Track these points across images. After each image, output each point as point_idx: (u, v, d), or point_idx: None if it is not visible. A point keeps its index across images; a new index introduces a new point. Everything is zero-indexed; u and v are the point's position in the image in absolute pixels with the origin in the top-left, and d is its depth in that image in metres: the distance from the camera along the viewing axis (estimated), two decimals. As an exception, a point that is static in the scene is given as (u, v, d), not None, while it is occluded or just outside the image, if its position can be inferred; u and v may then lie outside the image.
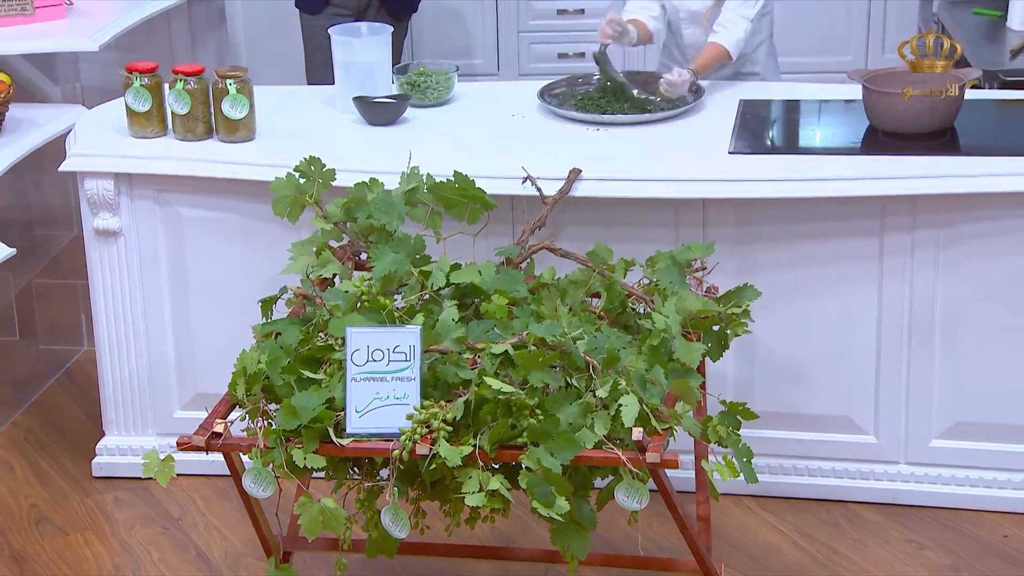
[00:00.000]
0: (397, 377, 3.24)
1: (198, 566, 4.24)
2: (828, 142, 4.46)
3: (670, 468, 3.20)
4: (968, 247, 4.16)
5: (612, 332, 3.43)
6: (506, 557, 3.91)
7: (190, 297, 4.52)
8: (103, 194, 4.41)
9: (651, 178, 4.17)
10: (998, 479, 4.35)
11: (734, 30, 4.72)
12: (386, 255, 3.64)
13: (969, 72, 4.64)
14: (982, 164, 4.13)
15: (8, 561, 4.28)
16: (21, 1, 5.42)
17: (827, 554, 4.20)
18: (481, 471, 3.18)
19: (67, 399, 5.11)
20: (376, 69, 4.63)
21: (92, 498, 4.57)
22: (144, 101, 4.41)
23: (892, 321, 4.25)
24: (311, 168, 3.88)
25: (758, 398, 4.29)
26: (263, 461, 3.25)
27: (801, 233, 4.22)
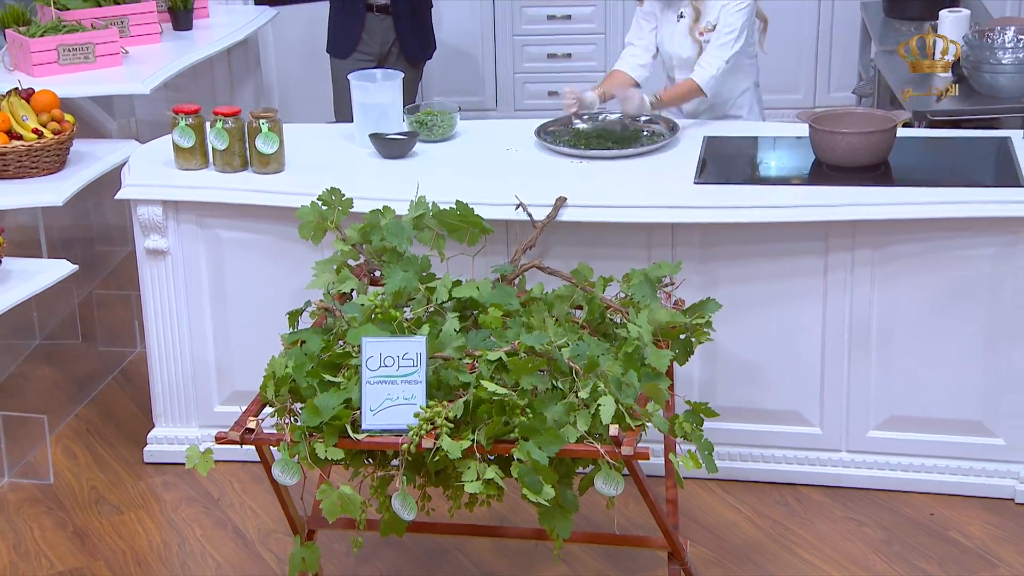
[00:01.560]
0: (406, 380, 3.23)
1: (235, 541, 4.22)
2: (780, 174, 4.43)
3: (642, 459, 3.18)
4: (900, 265, 4.14)
5: (592, 340, 3.42)
6: (500, 535, 3.90)
7: (228, 308, 4.49)
8: (153, 218, 4.39)
9: (627, 205, 4.15)
10: (925, 465, 4.32)
11: (708, 69, 4.63)
12: (396, 273, 3.63)
13: (900, 113, 4.61)
14: (912, 194, 4.10)
15: (72, 536, 4.26)
16: (84, 51, 5.40)
17: (779, 530, 4.18)
18: (478, 462, 3.17)
19: (122, 395, 5.08)
20: (389, 109, 4.61)
21: (143, 481, 4.55)
22: (188, 138, 4.39)
23: (834, 329, 4.23)
24: (332, 197, 3.88)
25: (720, 396, 4.28)
26: (290, 453, 3.25)
27: (757, 253, 4.20)
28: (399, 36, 6.03)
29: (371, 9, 6.00)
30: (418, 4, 6.07)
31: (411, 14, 6.03)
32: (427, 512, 3.38)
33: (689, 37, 4.70)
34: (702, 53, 4.67)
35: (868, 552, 4.06)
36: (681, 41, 4.74)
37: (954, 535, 4.12)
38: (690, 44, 4.71)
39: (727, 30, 4.61)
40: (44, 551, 4.18)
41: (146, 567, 4.10)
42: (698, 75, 4.63)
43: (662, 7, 4.78)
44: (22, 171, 4.88)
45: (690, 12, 4.69)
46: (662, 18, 4.79)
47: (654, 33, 4.82)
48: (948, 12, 5.29)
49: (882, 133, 4.26)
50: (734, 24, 4.61)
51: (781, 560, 4.04)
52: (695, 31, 4.67)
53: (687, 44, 4.72)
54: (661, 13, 4.79)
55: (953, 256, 4.11)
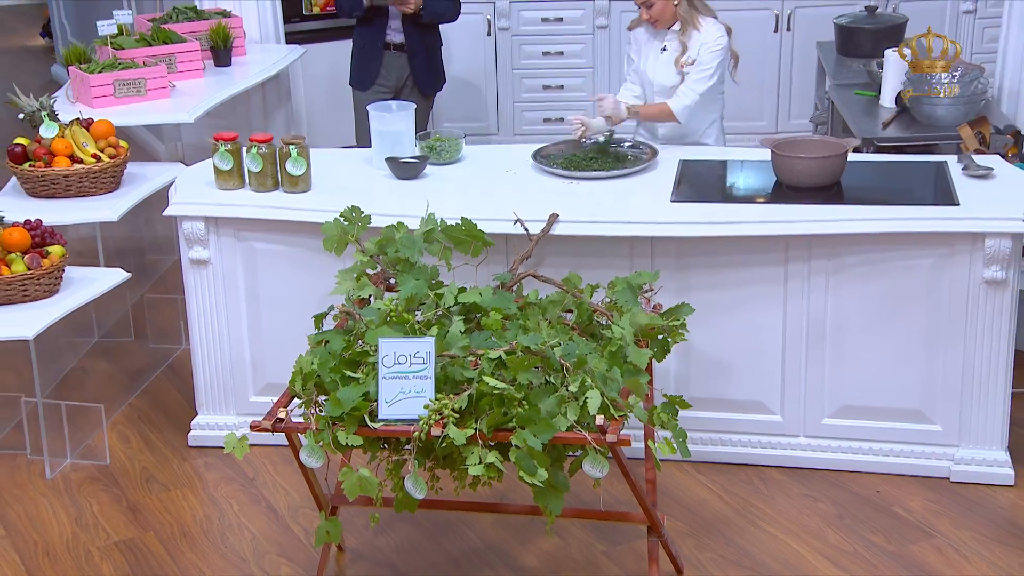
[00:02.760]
0: (417, 376, 3.24)
1: (267, 515, 4.22)
2: (746, 193, 4.42)
3: (624, 446, 3.20)
4: (850, 274, 4.14)
5: (581, 341, 3.43)
6: (500, 511, 3.90)
7: (261, 310, 4.49)
8: (196, 232, 4.40)
9: (612, 221, 4.15)
10: (872, 448, 4.32)
11: (683, 98, 4.64)
12: (409, 281, 3.64)
13: (851, 140, 4.63)
14: (861, 211, 4.10)
15: (126, 510, 4.27)
16: (137, 85, 5.40)
17: (745, 506, 4.19)
18: (481, 448, 3.18)
19: (169, 386, 5.08)
20: (403, 136, 4.60)
21: (188, 463, 4.55)
22: (227, 162, 4.39)
23: (793, 329, 4.23)
24: (353, 214, 3.90)
25: (693, 388, 4.29)
26: (315, 440, 3.26)
27: (725, 263, 4.20)
28: (413, 71, 6.03)
29: (389, 47, 5.99)
30: (430, 43, 6.07)
31: (424, 52, 6.03)
32: (436, 491, 3.39)
33: (673, 67, 4.69)
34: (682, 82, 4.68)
35: (822, 525, 4.07)
36: (664, 70, 4.73)
37: (897, 510, 4.13)
38: (673, 73, 4.70)
39: (704, 67, 4.63)
40: (102, 523, 4.19)
41: (190, 538, 4.11)
42: (674, 103, 4.64)
43: (648, 38, 4.78)
44: (83, 191, 4.90)
45: (675, 46, 4.69)
46: (646, 48, 4.79)
47: (639, 67, 4.81)
48: (892, 52, 5.29)
49: (835, 158, 4.26)
50: (711, 62, 4.62)
51: (747, 532, 4.05)
52: (677, 63, 4.67)
53: (670, 73, 4.71)
54: (646, 43, 4.79)
55: (897, 266, 4.11)
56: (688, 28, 4.64)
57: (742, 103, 7.23)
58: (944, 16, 7.06)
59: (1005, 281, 4.05)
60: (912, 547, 3.94)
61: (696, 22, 4.64)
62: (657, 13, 4.64)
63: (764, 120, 7.31)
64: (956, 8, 7.07)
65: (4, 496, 4.35)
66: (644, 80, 4.81)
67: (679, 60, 4.66)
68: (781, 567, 3.87)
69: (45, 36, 10.39)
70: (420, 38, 5.99)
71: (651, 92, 4.82)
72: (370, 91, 5.99)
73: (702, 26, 4.65)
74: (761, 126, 7.24)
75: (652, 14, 4.65)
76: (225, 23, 5.96)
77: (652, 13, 4.65)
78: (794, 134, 6.93)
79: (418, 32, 5.97)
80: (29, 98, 5.01)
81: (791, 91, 7.24)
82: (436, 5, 5.90)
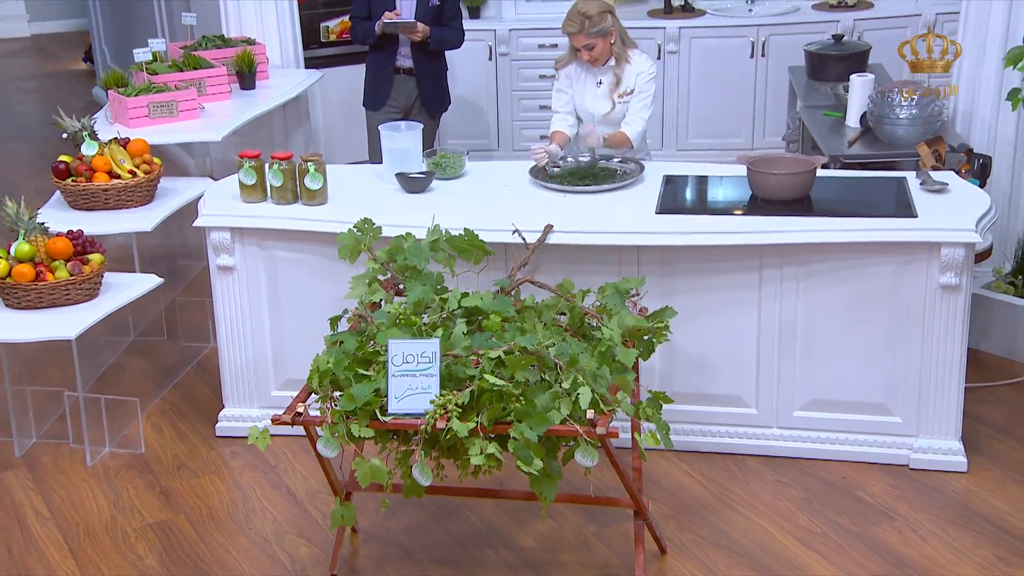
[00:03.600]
0: (423, 374, 3.23)
1: (288, 500, 4.22)
2: (724, 206, 4.40)
3: (613, 438, 3.20)
4: (819, 279, 4.14)
5: (573, 341, 3.42)
6: (500, 496, 3.88)
7: (281, 313, 4.49)
8: (223, 241, 4.39)
9: (601, 231, 4.15)
10: (839, 438, 4.31)
11: (636, 126, 4.80)
12: (416, 287, 3.63)
13: (819, 157, 4.62)
14: (829, 223, 4.10)
15: (159, 495, 4.27)
16: (169, 107, 5.41)
17: (722, 491, 4.18)
18: (481, 440, 3.18)
19: (198, 381, 5.07)
20: (411, 153, 4.59)
21: (215, 451, 4.55)
22: (251, 177, 4.39)
23: (767, 330, 4.23)
24: (365, 225, 3.87)
25: (676, 384, 4.29)
26: (330, 432, 3.26)
27: (705, 269, 4.20)
28: (421, 93, 6.02)
29: (399, 72, 5.99)
30: (436, 68, 6.07)
31: (431, 76, 6.02)
32: (441, 478, 3.37)
33: (608, 99, 4.84)
34: (618, 112, 4.81)
35: (793, 508, 4.06)
36: (601, 102, 4.87)
37: (861, 494, 4.13)
38: (609, 104, 4.84)
39: (645, 95, 4.82)
40: (137, 507, 4.19)
41: (218, 520, 4.11)
42: (629, 131, 4.80)
43: (581, 74, 4.87)
44: (120, 203, 4.91)
45: (609, 79, 4.83)
46: (579, 85, 4.88)
47: (572, 99, 4.91)
48: (857, 76, 5.28)
49: (805, 174, 4.26)
50: (649, 90, 4.83)
51: (724, 515, 4.04)
52: (614, 94, 4.80)
53: (606, 104, 4.86)
54: (579, 79, 4.87)
55: (861, 272, 4.11)
56: (622, 62, 4.78)
57: (722, 123, 7.28)
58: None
59: (959, 286, 4.05)
60: (874, 529, 3.95)
61: (627, 56, 4.79)
62: (598, 54, 4.78)
63: (741, 138, 7.31)
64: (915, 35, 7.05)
65: (49, 481, 4.36)
66: (582, 112, 4.90)
67: (614, 91, 4.80)
68: (755, 547, 3.87)
69: (87, 61, 10.38)
70: (427, 63, 5.99)
71: (590, 122, 4.91)
72: (382, 112, 5.98)
73: (632, 59, 4.80)
74: (738, 143, 7.25)
75: (593, 55, 4.78)
76: (250, 50, 5.96)
77: (593, 55, 4.78)
78: (768, 151, 6.96)
79: (425, 58, 5.97)
80: (72, 119, 5.02)
81: (765, 111, 7.23)
82: (442, 34, 5.91)
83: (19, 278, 4.33)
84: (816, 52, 5.99)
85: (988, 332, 4.99)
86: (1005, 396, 4.71)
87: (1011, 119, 4.95)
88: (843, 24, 6.97)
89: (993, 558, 3.79)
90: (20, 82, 10.28)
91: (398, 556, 3.88)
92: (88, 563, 3.90)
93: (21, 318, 4.34)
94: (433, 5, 5.85)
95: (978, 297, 4.91)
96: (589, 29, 4.71)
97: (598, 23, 4.70)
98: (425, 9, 5.84)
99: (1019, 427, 4.49)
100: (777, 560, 3.81)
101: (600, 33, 4.72)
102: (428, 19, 5.85)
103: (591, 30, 4.71)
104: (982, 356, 4.95)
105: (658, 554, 3.84)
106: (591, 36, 4.72)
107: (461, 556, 3.87)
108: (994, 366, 4.90)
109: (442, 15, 5.90)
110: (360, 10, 5.93)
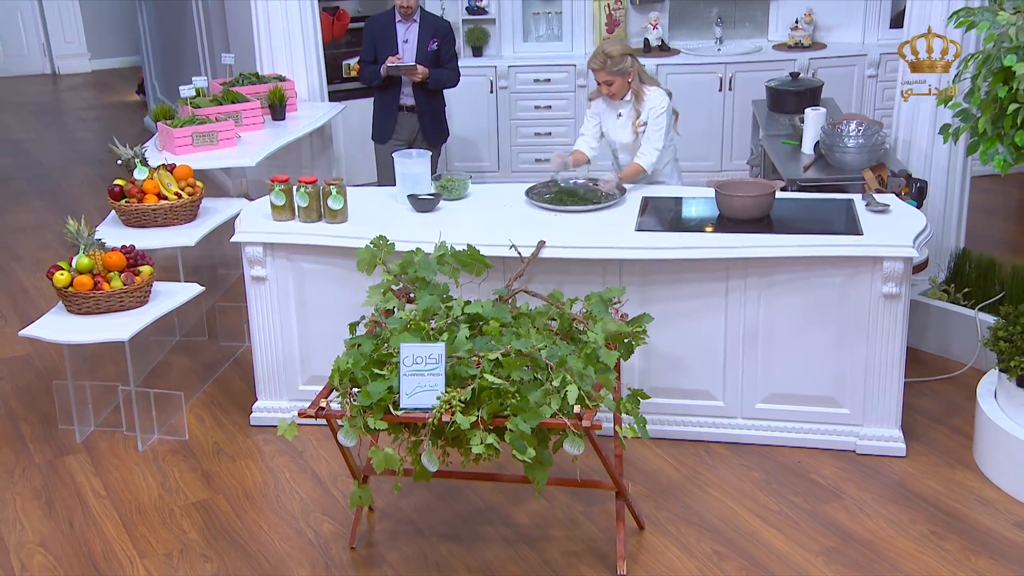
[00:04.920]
0: (431, 373, 3.23)
1: (313, 482, 4.21)
2: (696, 224, 4.39)
3: (596, 429, 3.20)
4: (778, 289, 4.14)
5: (562, 344, 3.42)
6: (498, 480, 3.89)
7: (307, 317, 4.48)
8: (256, 255, 4.39)
9: (588, 246, 4.15)
10: (795, 427, 4.31)
11: (648, 156, 4.71)
12: (425, 296, 3.63)
13: (778, 181, 4.61)
14: (786, 239, 4.10)
15: (201, 476, 4.26)
16: (210, 136, 5.40)
17: (693, 474, 4.18)
18: (482, 431, 3.18)
19: (235, 377, 5.06)
20: (421, 177, 4.59)
21: (250, 439, 4.54)
22: (281, 199, 4.38)
23: (733, 333, 4.22)
24: (380, 241, 3.86)
25: (653, 380, 4.29)
26: (349, 424, 3.26)
27: (679, 280, 4.19)
28: (422, 127, 5.97)
29: (402, 109, 5.94)
30: (435, 104, 6.01)
31: (431, 112, 5.97)
32: (446, 464, 3.37)
33: (629, 129, 4.76)
34: (639, 141, 4.72)
35: (754, 489, 4.06)
36: (622, 132, 4.80)
37: (814, 476, 4.13)
38: (630, 133, 4.77)
39: (655, 128, 4.70)
40: (181, 487, 4.19)
41: (251, 499, 4.10)
42: (642, 160, 4.71)
43: (605, 108, 4.83)
44: (167, 221, 4.90)
45: (629, 112, 4.76)
46: (605, 116, 4.85)
47: (599, 126, 4.88)
48: (811, 110, 5.27)
49: (766, 196, 4.26)
50: (660, 124, 4.70)
51: (694, 495, 4.04)
52: (633, 125, 4.73)
53: (627, 133, 4.78)
54: (605, 113, 4.85)
55: (814, 283, 4.11)
56: (640, 98, 4.73)
57: (694, 148, 7.24)
58: (852, 80, 7.06)
59: (899, 295, 4.05)
60: (825, 507, 3.94)
61: (643, 93, 4.74)
62: (616, 90, 4.74)
63: (711, 161, 7.29)
64: (862, 74, 7.07)
65: (105, 464, 4.35)
66: (610, 140, 4.88)
67: (634, 123, 4.74)
68: (721, 523, 3.87)
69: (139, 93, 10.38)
70: (427, 101, 5.94)
71: (614, 148, 4.90)
72: (387, 144, 5.95)
73: (648, 94, 4.74)
74: (709, 166, 7.23)
75: (612, 90, 4.74)
76: (280, 86, 5.95)
77: (612, 90, 4.75)
78: (734, 174, 6.96)
79: (426, 96, 5.92)
80: (125, 147, 5.01)
81: (732, 139, 7.22)
82: (440, 74, 5.87)
83: (80, 287, 4.33)
84: (776, 87, 5.98)
85: (925, 333, 4.98)
86: (940, 390, 4.71)
87: (944, 149, 4.94)
88: (799, 63, 6.96)
89: (927, 532, 3.79)
90: (82, 112, 10.27)
91: (409, 532, 3.88)
92: (139, 537, 3.89)
93: (81, 322, 4.34)
94: (431, 49, 5.83)
95: (916, 303, 4.91)
96: (610, 67, 4.68)
97: (618, 63, 4.67)
98: (425, 53, 5.82)
99: (952, 417, 4.48)
100: (740, 534, 3.81)
101: (619, 72, 4.69)
102: (427, 62, 5.81)
103: (612, 68, 4.68)
104: (920, 354, 4.94)
105: (637, 529, 3.84)
106: (611, 74, 4.69)
107: (464, 532, 3.87)
108: (930, 363, 4.90)
109: (440, 58, 5.87)
110: (367, 54, 5.90)
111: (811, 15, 7.24)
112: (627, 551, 3.68)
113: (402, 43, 5.84)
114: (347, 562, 3.72)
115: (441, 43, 5.85)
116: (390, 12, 5.90)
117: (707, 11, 7.44)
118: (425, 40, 5.82)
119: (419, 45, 5.83)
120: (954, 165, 4.99)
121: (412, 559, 3.73)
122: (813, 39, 7.22)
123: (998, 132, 3.57)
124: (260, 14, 6.06)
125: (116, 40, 11.88)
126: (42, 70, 11.83)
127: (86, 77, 11.76)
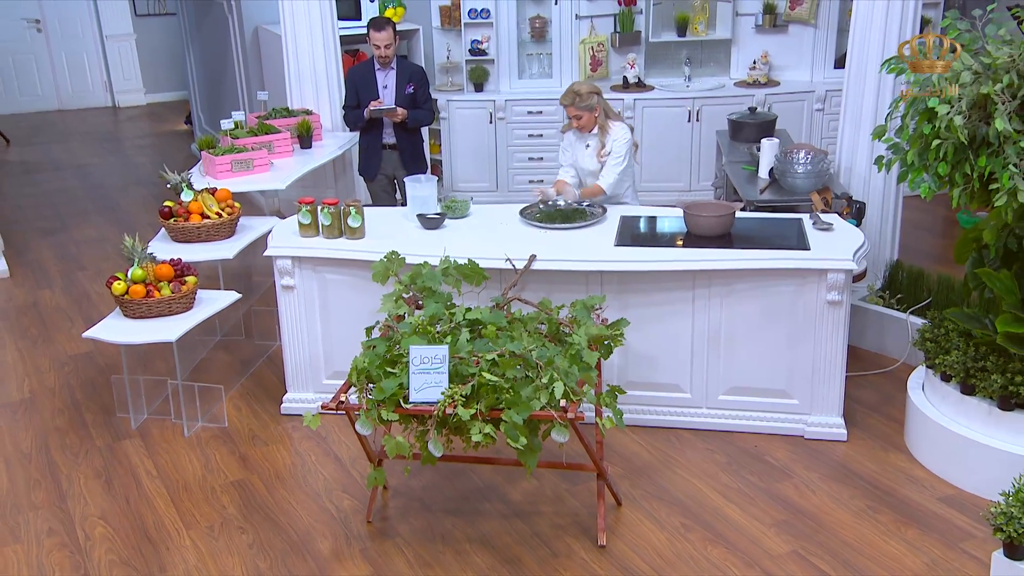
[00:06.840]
0: (436, 372, 3.23)
1: (335, 463, 4.20)
2: (666, 240, 4.38)
3: (579, 420, 3.20)
4: (737, 296, 4.14)
5: (550, 346, 3.42)
6: (495, 463, 3.88)
7: (331, 322, 4.46)
8: (286, 267, 4.38)
9: (573, 260, 4.13)
10: (752, 416, 4.30)
11: (607, 178, 4.74)
12: (431, 303, 3.62)
13: (737, 203, 4.60)
14: (745, 254, 4.10)
15: (238, 459, 4.25)
16: (247, 163, 5.40)
17: (664, 457, 4.17)
18: (480, 422, 3.17)
19: (268, 372, 5.04)
20: (429, 199, 4.59)
21: (280, 426, 4.53)
22: (307, 218, 4.37)
23: (699, 333, 4.22)
24: (393, 255, 3.84)
25: (630, 375, 4.28)
26: (366, 415, 3.26)
27: (653, 288, 4.18)
28: (403, 162, 5.85)
29: (385, 147, 5.84)
30: (415, 141, 5.90)
31: (411, 148, 5.86)
32: (450, 450, 3.35)
33: (595, 158, 4.81)
34: (603, 167, 4.77)
35: (717, 470, 4.06)
36: (589, 160, 4.84)
37: (768, 459, 4.12)
38: (595, 161, 4.82)
39: (616, 156, 4.76)
40: (222, 468, 4.19)
41: (282, 479, 4.10)
42: (603, 182, 4.75)
43: (575, 139, 4.87)
44: (209, 237, 4.89)
45: (595, 143, 4.80)
46: (575, 146, 4.88)
47: (572, 155, 4.89)
48: (766, 140, 5.24)
49: (727, 215, 4.25)
50: (620, 152, 4.76)
51: (665, 475, 4.04)
52: (598, 154, 4.77)
53: (593, 161, 4.82)
54: (575, 143, 4.88)
55: (769, 291, 4.10)
56: (605, 131, 4.76)
57: (666, 171, 7.24)
58: (802, 113, 7.04)
59: (841, 301, 4.05)
60: (777, 485, 3.94)
61: (608, 126, 4.77)
62: (584, 123, 4.77)
63: (681, 182, 7.27)
64: (810, 108, 7.06)
65: (156, 448, 4.35)
66: (578, 168, 4.89)
67: (599, 152, 4.78)
68: (688, 499, 3.87)
69: (187, 123, 10.36)
70: (407, 138, 5.83)
71: (582, 174, 4.91)
72: (375, 180, 5.87)
73: (612, 128, 4.78)
74: (679, 186, 7.20)
75: (580, 124, 4.78)
76: (308, 119, 5.93)
77: (580, 123, 4.77)
78: (700, 194, 6.95)
79: (406, 135, 5.81)
80: (174, 173, 5.01)
81: (699, 164, 7.20)
82: (417, 114, 5.76)
83: (134, 295, 4.33)
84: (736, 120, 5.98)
85: (864, 333, 4.98)
86: (877, 382, 4.70)
87: (880, 175, 4.94)
88: (757, 98, 6.96)
89: (864, 507, 3.79)
90: (138, 140, 10.26)
91: (418, 508, 3.88)
92: (185, 512, 3.89)
93: (136, 325, 4.33)
94: (408, 92, 5.73)
95: (856, 307, 4.91)
96: (579, 104, 4.70)
97: (586, 100, 4.70)
98: (403, 96, 5.73)
99: (887, 406, 4.48)
100: (704, 509, 3.80)
101: (587, 108, 4.71)
102: (405, 104, 5.72)
103: (580, 104, 4.70)
104: (859, 352, 4.94)
105: (615, 505, 3.83)
106: (580, 109, 4.71)
107: (465, 507, 3.87)
108: (868, 359, 4.90)
109: (416, 100, 5.77)
110: (351, 100, 5.78)
111: (767, 56, 7.23)
112: (606, 524, 3.68)
113: (382, 88, 5.74)
114: (364, 534, 3.72)
115: (417, 87, 5.76)
116: (369, 62, 5.79)
117: (678, 53, 7.44)
118: (402, 85, 5.73)
119: (397, 89, 5.73)
120: (889, 189, 4.99)
121: (420, 531, 3.73)
122: (768, 77, 7.21)
123: (924, 164, 3.57)
124: (291, 56, 6.05)
125: (168, 76, 11.86)
126: (104, 103, 11.81)
127: (142, 109, 11.74)
